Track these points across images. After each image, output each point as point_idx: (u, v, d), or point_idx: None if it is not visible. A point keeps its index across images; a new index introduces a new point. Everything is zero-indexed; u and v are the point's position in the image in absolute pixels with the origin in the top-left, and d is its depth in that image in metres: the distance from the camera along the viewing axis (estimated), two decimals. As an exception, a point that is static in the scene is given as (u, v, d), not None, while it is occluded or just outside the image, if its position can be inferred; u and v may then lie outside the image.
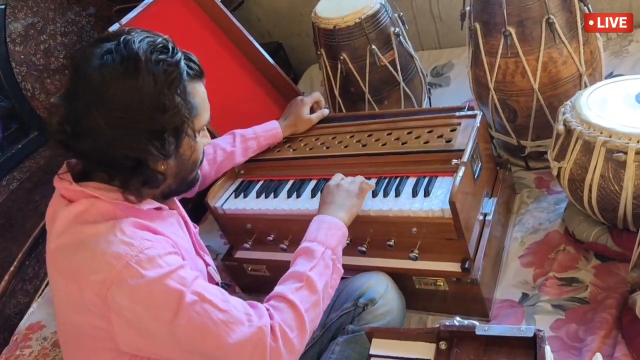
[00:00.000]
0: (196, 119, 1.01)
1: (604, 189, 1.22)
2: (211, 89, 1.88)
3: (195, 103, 1.00)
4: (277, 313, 0.99)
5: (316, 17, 1.79)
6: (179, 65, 0.95)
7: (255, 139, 1.56)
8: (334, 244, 1.12)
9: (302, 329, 0.99)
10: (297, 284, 1.04)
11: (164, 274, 0.91)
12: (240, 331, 0.93)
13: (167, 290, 0.91)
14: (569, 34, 1.45)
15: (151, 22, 1.80)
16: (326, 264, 1.08)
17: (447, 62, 2.34)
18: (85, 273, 0.91)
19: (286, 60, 2.79)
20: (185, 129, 0.98)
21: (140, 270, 0.89)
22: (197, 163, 1.09)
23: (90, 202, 0.96)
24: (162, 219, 1.06)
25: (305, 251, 1.10)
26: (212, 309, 0.93)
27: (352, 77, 1.79)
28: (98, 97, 0.91)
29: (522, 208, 1.59)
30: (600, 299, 1.26)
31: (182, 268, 0.95)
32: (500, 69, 1.52)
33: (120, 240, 0.91)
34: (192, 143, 1.03)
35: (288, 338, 0.96)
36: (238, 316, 0.94)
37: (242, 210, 1.51)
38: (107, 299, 0.89)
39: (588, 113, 1.24)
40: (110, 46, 0.93)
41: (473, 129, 1.35)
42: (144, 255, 0.91)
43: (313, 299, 1.03)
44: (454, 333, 0.93)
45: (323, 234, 1.12)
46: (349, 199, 1.23)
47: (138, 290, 0.89)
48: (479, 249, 1.31)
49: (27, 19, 2.03)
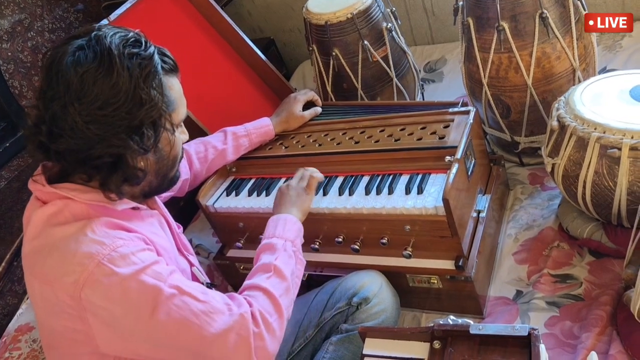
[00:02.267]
0: (174, 113, 1.01)
1: (598, 185, 1.21)
2: (202, 86, 1.87)
3: (172, 97, 1.00)
4: (254, 300, 1.00)
5: (308, 13, 1.77)
6: (152, 59, 0.95)
7: (246, 136, 1.54)
8: (292, 237, 1.16)
9: (280, 313, 1.01)
10: (266, 274, 1.07)
11: (138, 270, 0.90)
12: (222, 320, 0.94)
13: (143, 286, 0.90)
14: (563, 29, 1.44)
15: (140, 18, 1.77)
16: (289, 255, 1.12)
17: (440, 57, 2.33)
18: (58, 275, 0.90)
19: (278, 56, 2.78)
20: (163, 122, 0.98)
21: (113, 268, 0.88)
22: (177, 159, 1.08)
23: (64, 203, 0.95)
24: (140, 218, 1.05)
25: (267, 247, 1.13)
26: (191, 301, 0.93)
27: (345, 73, 1.78)
28: (74, 94, 0.89)
29: (516, 204, 1.59)
30: (595, 296, 1.26)
31: (156, 263, 0.94)
32: (494, 64, 1.51)
33: (91, 240, 0.90)
34: (170, 137, 1.02)
35: (268, 322, 0.98)
36: (218, 306, 0.95)
37: (234, 209, 1.49)
38: (81, 299, 0.88)
39: (582, 109, 1.23)
40: (82, 43, 0.92)
41: (466, 125, 1.34)
42: (116, 253, 0.90)
43: (284, 285, 1.06)
44: (448, 332, 0.92)
45: (280, 230, 1.16)
46: (298, 197, 1.26)
47: (112, 288, 0.88)
48: (472, 246, 1.31)
49: (14, 15, 2.00)
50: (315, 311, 1.29)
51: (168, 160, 1.04)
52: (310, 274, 1.47)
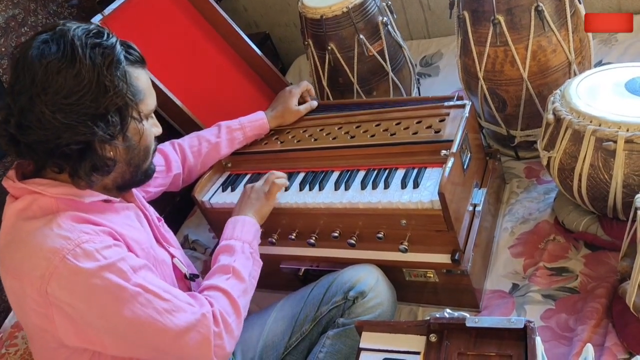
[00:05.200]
0: (141, 102, 1.02)
1: (593, 178, 1.21)
2: (198, 81, 1.87)
3: (138, 86, 1.01)
4: (214, 301, 1.04)
5: (303, 7, 1.76)
6: (114, 48, 0.96)
7: (241, 129, 1.54)
8: (250, 239, 1.19)
9: (238, 313, 1.06)
10: (225, 275, 1.10)
11: (102, 267, 0.91)
12: (184, 318, 0.97)
13: (107, 284, 0.91)
14: (558, 22, 1.44)
15: (134, 13, 1.77)
16: (246, 257, 1.16)
17: (436, 51, 2.33)
18: (26, 270, 0.92)
19: (274, 51, 2.77)
20: (129, 111, 0.99)
21: (77, 264, 0.90)
22: (148, 150, 1.08)
23: (33, 198, 0.97)
24: (113, 211, 1.05)
25: (226, 248, 1.16)
26: (154, 299, 0.95)
27: (340, 67, 1.77)
28: (39, 86, 0.91)
29: (512, 198, 1.59)
30: (591, 289, 1.26)
31: (122, 260, 0.94)
32: (490, 58, 1.51)
33: (56, 234, 0.92)
34: (139, 127, 1.02)
35: (228, 323, 1.02)
36: (181, 305, 0.98)
37: (230, 204, 1.48)
38: (47, 294, 0.90)
39: (577, 102, 1.23)
40: (46, 37, 0.94)
41: (462, 119, 1.34)
42: (80, 249, 0.91)
43: (242, 286, 1.10)
44: (444, 325, 0.92)
45: (238, 231, 1.19)
46: (258, 200, 1.29)
47: (77, 285, 0.90)
48: (468, 240, 1.31)
49: (7, 10, 1.99)
50: (312, 306, 1.29)
51: (139, 150, 1.05)
52: (307, 269, 1.47)
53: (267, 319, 1.33)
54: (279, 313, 1.33)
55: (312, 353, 1.24)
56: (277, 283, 1.55)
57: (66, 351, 0.97)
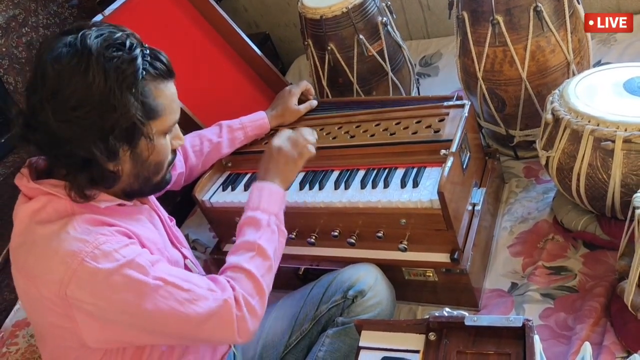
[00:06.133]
0: (158, 121, 0.97)
1: (592, 178, 1.22)
2: (198, 81, 1.87)
3: (156, 105, 0.96)
4: (237, 283, 1.03)
5: (303, 7, 1.77)
6: (134, 63, 0.91)
7: (242, 129, 1.54)
8: (277, 210, 1.16)
9: (261, 294, 1.05)
10: (249, 253, 1.08)
11: (122, 265, 0.91)
12: (207, 305, 0.96)
13: (128, 280, 0.91)
14: (557, 22, 1.45)
15: (135, 13, 1.77)
16: (272, 231, 1.13)
17: (435, 51, 2.33)
18: (42, 273, 0.90)
19: (274, 51, 2.77)
20: (139, 131, 0.94)
21: (96, 265, 0.89)
22: (161, 164, 1.04)
23: (48, 199, 0.95)
24: (126, 214, 1.04)
25: (251, 221, 1.13)
26: (175, 290, 0.95)
27: (340, 67, 1.78)
28: (49, 90, 0.89)
29: (511, 197, 1.59)
30: (589, 288, 1.26)
31: (139, 256, 0.94)
32: (489, 58, 1.51)
33: (73, 238, 0.90)
34: (149, 144, 0.98)
35: (251, 305, 1.01)
36: (202, 293, 0.97)
37: (230, 204, 1.49)
38: (67, 297, 0.89)
39: (576, 102, 1.24)
40: (70, 39, 0.91)
41: (461, 118, 1.34)
42: (99, 250, 0.90)
43: (266, 264, 1.08)
44: (443, 324, 0.92)
45: (265, 202, 1.15)
46: (286, 164, 1.24)
47: (98, 285, 0.90)
48: (468, 239, 1.31)
49: (8, 10, 1.99)
50: (312, 305, 1.30)
51: (149, 165, 1.01)
52: (307, 268, 1.47)
53: (267, 318, 1.33)
54: (278, 312, 1.34)
55: (312, 352, 1.24)
56: (277, 282, 1.53)
57: (85, 351, 0.96)
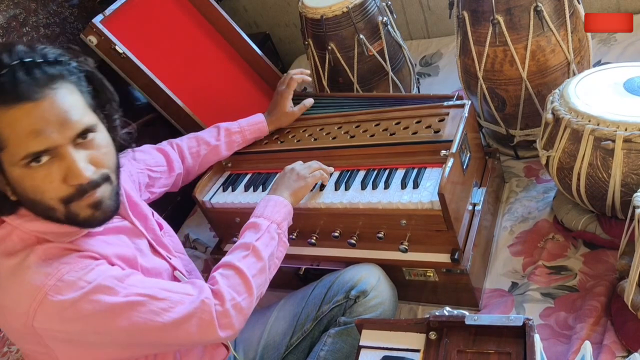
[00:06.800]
0: (5, 152, 0.85)
1: (592, 177, 1.22)
2: (198, 80, 1.88)
3: (2, 134, 0.84)
4: (225, 279, 1.04)
5: (303, 7, 1.77)
6: None
7: (240, 132, 1.54)
8: (280, 219, 1.18)
9: (250, 292, 1.05)
10: (244, 252, 1.10)
11: (88, 292, 0.89)
12: (183, 310, 0.96)
13: (97, 305, 0.89)
14: (557, 22, 1.45)
15: (135, 13, 1.77)
16: (272, 236, 1.15)
17: (435, 51, 2.33)
18: (8, 305, 0.89)
19: (274, 51, 2.77)
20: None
21: (61, 298, 0.87)
22: (43, 200, 0.89)
23: (12, 227, 0.93)
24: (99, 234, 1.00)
25: (252, 225, 1.16)
26: (150, 302, 0.94)
27: (341, 67, 1.78)
28: None
29: (511, 197, 1.59)
30: (589, 287, 1.27)
31: (107, 277, 0.92)
32: (489, 57, 1.51)
33: (35, 271, 0.88)
34: (6, 175, 0.88)
35: (236, 301, 1.02)
36: (177, 299, 0.97)
37: (230, 204, 1.49)
38: (35, 328, 0.87)
39: (576, 101, 1.24)
40: None
41: (461, 118, 1.34)
42: (62, 282, 0.88)
43: (259, 265, 1.09)
44: (443, 323, 0.92)
45: (269, 211, 1.19)
46: (297, 181, 1.29)
47: (65, 314, 0.88)
48: (468, 240, 1.31)
49: (8, 10, 1.99)
50: (313, 305, 1.30)
51: (31, 192, 0.88)
52: (307, 268, 1.47)
53: (268, 318, 1.33)
54: (280, 312, 1.34)
55: (313, 352, 1.24)
56: (278, 282, 1.54)
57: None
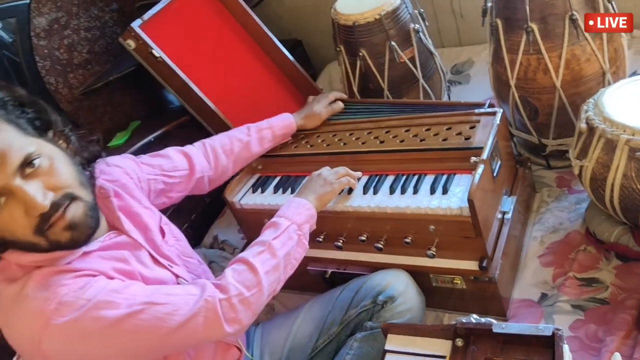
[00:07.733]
0: None
1: (626, 188, 1.20)
2: (230, 83, 1.91)
3: None
4: (236, 274, 1.04)
5: (336, 14, 1.78)
6: None
7: (269, 128, 1.56)
8: (301, 221, 1.17)
9: (260, 288, 1.04)
10: (259, 248, 1.10)
11: (89, 310, 0.90)
12: (186, 311, 0.96)
13: (99, 321, 0.91)
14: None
15: (173, 18, 1.81)
16: (290, 236, 1.14)
17: (467, 59, 2.32)
18: (13, 331, 0.92)
19: (305, 57, 2.80)
20: None
21: (63, 319, 0.89)
22: (15, 231, 0.90)
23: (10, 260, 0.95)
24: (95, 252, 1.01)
25: (272, 224, 1.16)
26: (154, 308, 0.94)
27: (371, 73, 1.79)
28: None
29: (542, 207, 1.57)
30: (621, 300, 1.24)
31: (106, 292, 0.93)
32: (522, 65, 1.50)
33: (34, 297, 0.90)
34: None
35: (244, 296, 1.01)
36: (180, 301, 0.97)
37: (260, 205, 1.51)
38: (42, 351, 0.89)
39: (611, 111, 1.22)
40: None
41: (493, 126, 1.34)
42: (62, 305, 0.89)
43: (273, 262, 1.08)
44: (470, 330, 0.92)
45: (291, 212, 1.18)
46: (323, 186, 1.29)
47: (69, 334, 0.90)
48: (497, 248, 1.30)
49: (51, 13, 2.07)
50: (340, 309, 1.30)
51: (5, 235, 0.90)
52: (334, 272, 1.48)
53: (294, 321, 1.34)
54: (306, 315, 1.34)
55: (339, 355, 1.24)
56: (304, 284, 1.56)
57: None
